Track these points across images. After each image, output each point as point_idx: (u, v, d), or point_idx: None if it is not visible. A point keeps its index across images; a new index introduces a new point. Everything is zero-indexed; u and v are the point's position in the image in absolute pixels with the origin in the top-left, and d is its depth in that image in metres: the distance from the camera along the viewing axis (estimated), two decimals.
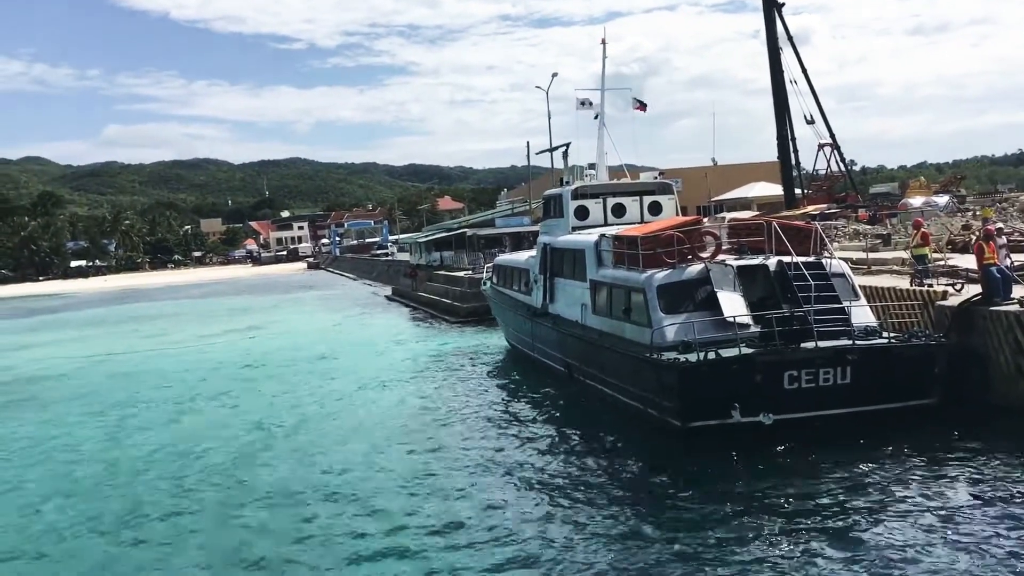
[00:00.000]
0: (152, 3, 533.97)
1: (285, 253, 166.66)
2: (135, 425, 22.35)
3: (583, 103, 26.50)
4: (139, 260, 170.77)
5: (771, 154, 52.28)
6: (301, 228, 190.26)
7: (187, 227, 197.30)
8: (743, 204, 63.77)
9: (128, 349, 40.81)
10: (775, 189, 58.58)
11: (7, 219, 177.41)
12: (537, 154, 58.63)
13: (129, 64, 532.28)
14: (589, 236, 21.67)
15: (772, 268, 17.52)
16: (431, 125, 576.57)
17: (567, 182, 26.32)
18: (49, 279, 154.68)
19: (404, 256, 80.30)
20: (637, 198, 24.44)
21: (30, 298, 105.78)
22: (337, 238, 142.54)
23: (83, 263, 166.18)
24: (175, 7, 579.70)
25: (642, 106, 28.98)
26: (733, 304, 16.67)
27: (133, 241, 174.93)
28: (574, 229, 23.77)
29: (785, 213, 40.17)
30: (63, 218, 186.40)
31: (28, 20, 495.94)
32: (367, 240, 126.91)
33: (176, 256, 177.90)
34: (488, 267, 35.94)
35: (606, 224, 23.54)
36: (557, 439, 17.55)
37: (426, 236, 69.95)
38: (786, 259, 17.42)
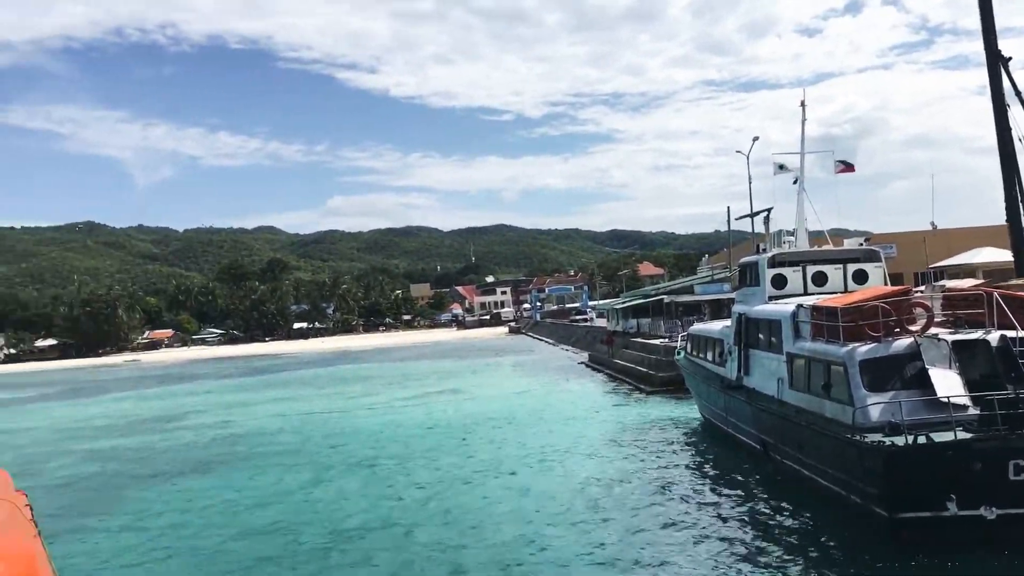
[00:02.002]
0: (374, 83, 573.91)
1: (488, 317, 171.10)
2: (311, 481, 23.14)
3: (780, 167, 25.44)
4: (354, 322, 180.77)
5: (998, 217, 48.08)
6: (504, 293, 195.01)
7: (398, 291, 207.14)
8: (967, 271, 58.82)
9: (334, 408, 42.83)
10: (1004, 255, 53.69)
11: (241, 284, 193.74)
12: (737, 219, 57.08)
13: (352, 139, 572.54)
14: (786, 306, 20.50)
15: (994, 343, 15.75)
16: (634, 191, 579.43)
17: (764, 249, 25.21)
18: (274, 340, 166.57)
19: (603, 322, 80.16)
20: (840, 266, 22.94)
21: (255, 357, 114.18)
22: (538, 303, 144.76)
23: (304, 325, 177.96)
24: (395, 85, 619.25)
25: (848, 167, 27.44)
26: (948, 383, 15.06)
27: (349, 304, 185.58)
28: (771, 298, 22.60)
29: (1013, 282, 36.60)
30: (288, 283, 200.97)
31: (266, 102, 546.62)
32: (567, 305, 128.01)
33: (387, 319, 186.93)
34: (682, 336, 34.97)
35: (805, 293, 22.22)
36: (750, 521, 16.44)
37: (623, 302, 69.47)
38: (1010, 333, 15.64)
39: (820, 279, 22.77)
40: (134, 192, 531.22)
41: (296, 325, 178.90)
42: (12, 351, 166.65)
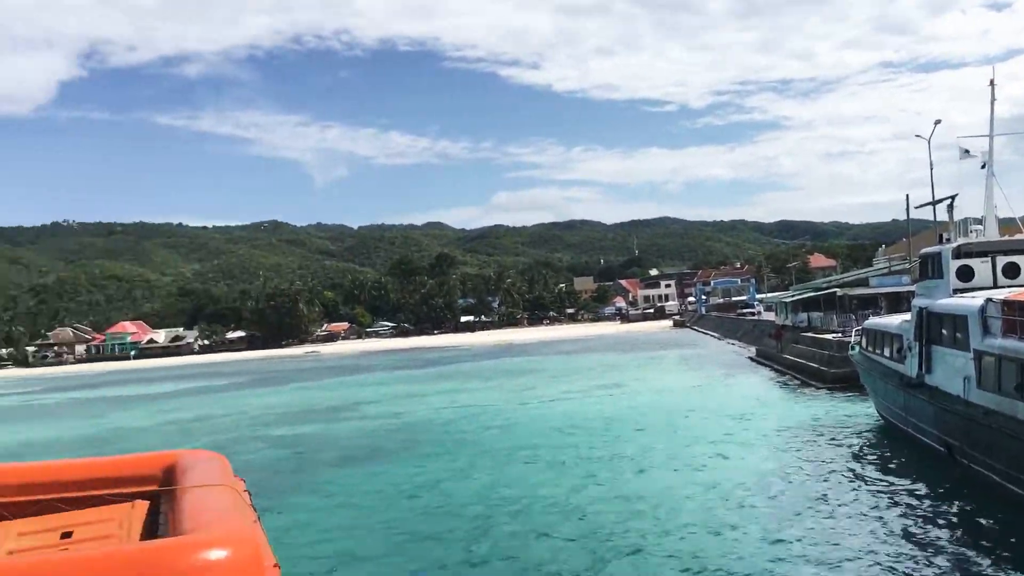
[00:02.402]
0: (537, 78, 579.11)
1: (652, 311, 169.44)
2: (482, 468, 23.65)
3: (965, 151, 23.86)
4: (518, 316, 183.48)
5: None
6: (668, 286, 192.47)
7: (561, 285, 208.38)
8: None
9: (501, 400, 43.70)
10: None
11: (411, 279, 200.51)
12: (917, 208, 53.84)
13: (516, 135, 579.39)
14: (973, 300, 19.24)
15: None
16: (803, 179, 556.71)
17: (947, 239, 23.75)
18: (442, 332, 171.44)
19: (771, 316, 77.79)
20: None
21: (424, 350, 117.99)
22: (703, 296, 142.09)
23: (471, 318, 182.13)
24: (557, 80, 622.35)
25: None
26: None
27: (514, 298, 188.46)
28: (955, 292, 21.29)
29: None
30: (455, 277, 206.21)
31: (434, 101, 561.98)
32: (733, 299, 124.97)
33: (551, 312, 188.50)
34: (857, 330, 33.47)
35: (995, 287, 20.76)
36: (934, 527, 15.60)
37: (793, 295, 67.13)
38: None
39: (1012, 271, 21.23)
40: (313, 192, 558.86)
41: (463, 318, 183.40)
42: (206, 342, 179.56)
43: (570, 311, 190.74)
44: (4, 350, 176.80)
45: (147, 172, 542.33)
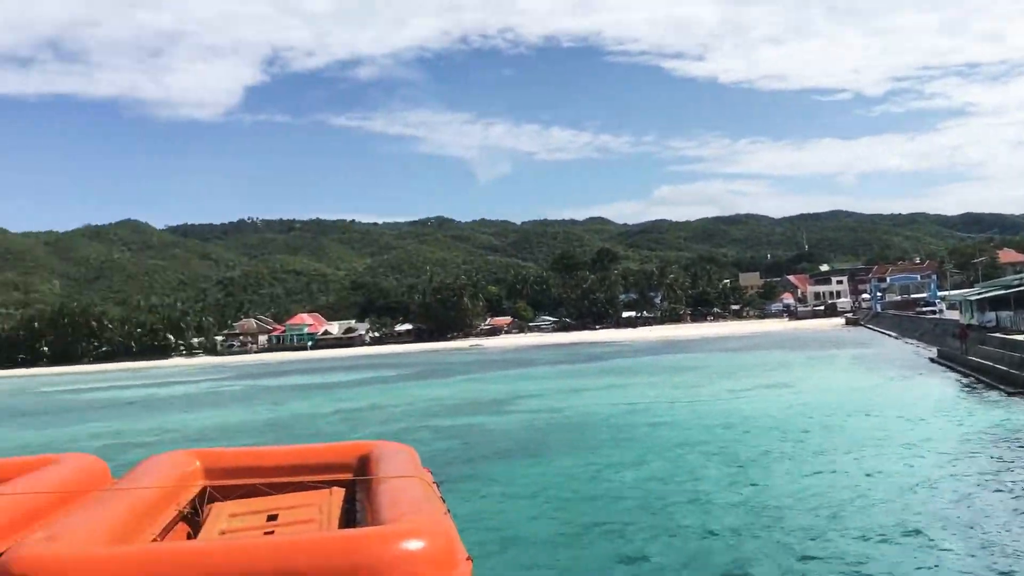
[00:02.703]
0: (701, 70, 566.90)
1: (822, 308, 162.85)
2: (649, 465, 23.45)
3: None
4: (681, 312, 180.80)
5: None
6: (840, 282, 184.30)
7: (726, 280, 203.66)
8: None
9: (663, 397, 43.25)
10: None
11: (572, 273, 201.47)
12: None
13: (679, 128, 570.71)
14: None
15: None
16: (992, 169, 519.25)
17: None
18: (604, 327, 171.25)
19: (954, 314, 73.17)
20: None
21: (586, 345, 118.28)
22: (879, 293, 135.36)
23: (632, 313, 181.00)
24: (722, 71, 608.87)
25: None
26: None
27: (676, 294, 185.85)
28: None
29: None
30: (617, 272, 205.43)
31: (596, 96, 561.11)
32: (912, 296, 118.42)
33: (715, 308, 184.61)
34: None
35: None
36: None
37: (979, 293, 62.85)
38: None
39: None
40: (477, 188, 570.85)
41: (625, 314, 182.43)
42: (376, 334, 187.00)
43: (735, 307, 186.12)
44: (196, 339, 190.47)
45: (323, 171, 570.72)
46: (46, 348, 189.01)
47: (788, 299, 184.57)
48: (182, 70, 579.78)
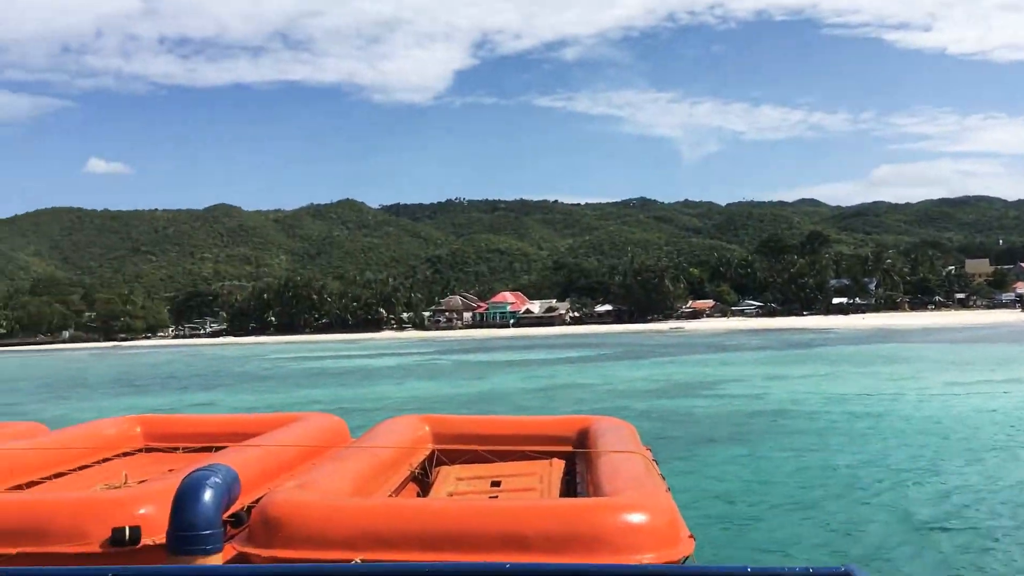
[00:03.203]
0: (928, 41, 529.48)
1: None
2: (863, 461, 22.40)
3: None
4: (898, 300, 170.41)
5: None
6: None
7: (950, 268, 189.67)
8: None
9: (872, 389, 41.07)
10: None
11: (779, 257, 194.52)
12: None
13: (902, 104, 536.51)
14: None
15: None
16: None
17: None
18: (812, 314, 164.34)
19: None
20: None
21: (792, 331, 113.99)
22: None
23: (843, 300, 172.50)
24: (952, 42, 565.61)
25: None
26: None
27: (893, 280, 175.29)
28: None
29: None
30: (828, 256, 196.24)
31: (810, 72, 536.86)
32: None
33: (936, 297, 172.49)
34: None
35: None
36: None
37: None
38: None
39: None
40: (681, 168, 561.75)
41: (835, 300, 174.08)
42: (576, 314, 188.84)
43: (960, 296, 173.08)
44: (405, 314, 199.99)
45: (528, 152, 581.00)
46: (273, 318, 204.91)
47: (1022, 288, 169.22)
48: (398, 56, 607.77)
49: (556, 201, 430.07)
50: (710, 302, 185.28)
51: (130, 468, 6.46)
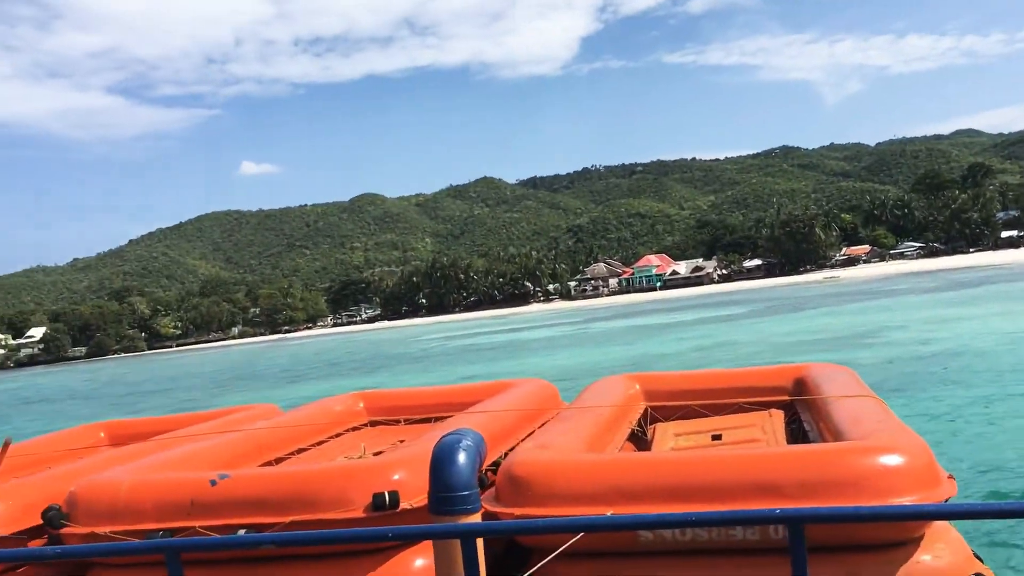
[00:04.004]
0: None
1: None
2: None
3: None
4: None
5: None
6: None
7: None
8: None
9: None
10: None
11: (939, 194, 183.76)
12: None
13: None
14: None
15: None
16: None
17: None
18: (978, 250, 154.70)
19: None
20: None
21: (957, 270, 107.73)
22: None
23: (1013, 233, 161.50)
24: None
25: None
26: None
27: None
28: None
29: None
30: (993, 188, 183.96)
31: None
32: None
33: None
34: None
35: None
36: None
37: None
38: None
39: None
40: (823, 111, 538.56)
41: (1004, 234, 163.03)
42: (724, 272, 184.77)
43: None
44: (551, 286, 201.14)
45: (661, 111, 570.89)
46: (423, 300, 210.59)
47: None
48: (522, 30, 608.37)
49: (694, 158, 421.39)
50: (866, 247, 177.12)
51: (362, 441, 6.89)
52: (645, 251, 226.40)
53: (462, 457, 3.99)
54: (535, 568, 3.68)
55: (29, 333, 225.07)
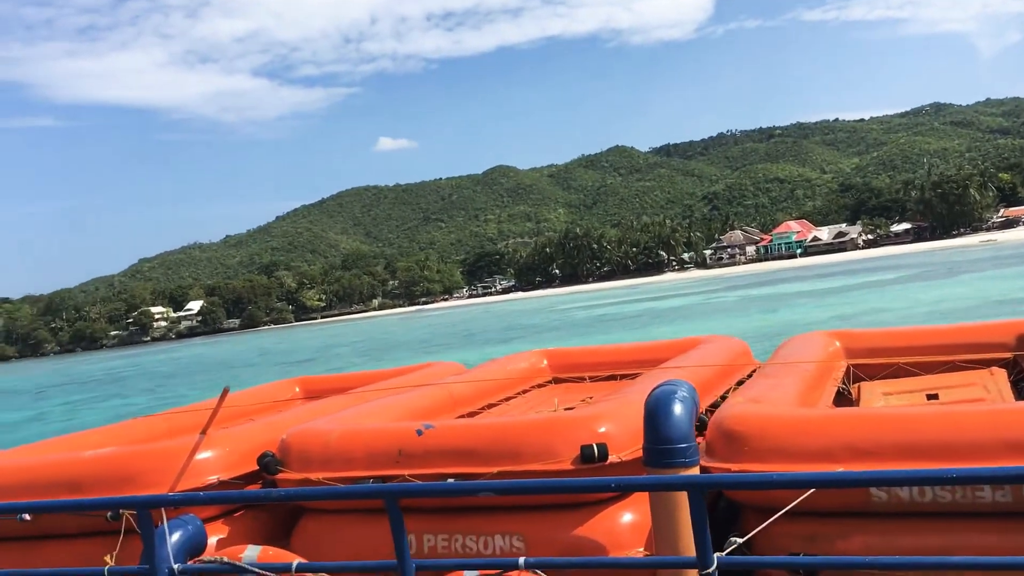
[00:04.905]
0: None
1: None
2: None
3: None
4: None
5: None
6: None
7: None
8: None
9: None
10: None
11: None
12: None
13: None
14: None
15: None
16: None
17: None
18: None
19: None
20: None
21: None
22: None
23: None
24: None
25: None
26: None
27: None
28: None
29: None
30: None
31: None
32: None
33: None
34: None
35: None
36: None
37: None
38: None
39: None
40: (979, 64, 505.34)
41: None
42: (869, 237, 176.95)
43: None
44: (686, 254, 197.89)
45: (800, 71, 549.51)
46: (557, 270, 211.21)
47: None
48: None
49: (837, 119, 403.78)
50: None
51: (548, 397, 6.90)
52: (784, 217, 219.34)
53: (678, 408, 3.88)
54: (767, 523, 3.49)
55: (188, 306, 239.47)
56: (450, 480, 4.37)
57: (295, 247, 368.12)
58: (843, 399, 6.08)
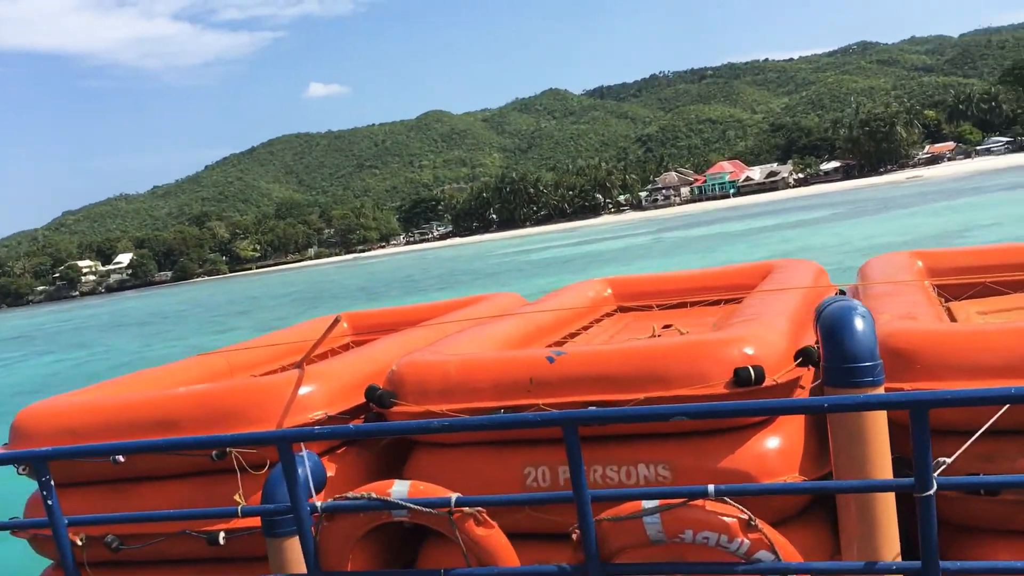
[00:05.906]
0: None
1: None
2: None
3: None
4: None
5: None
6: None
7: None
8: None
9: None
10: None
11: None
12: None
13: None
14: None
15: None
16: None
17: None
18: None
19: None
20: None
21: None
22: None
23: None
24: None
25: None
26: None
27: None
28: None
29: None
30: None
31: None
32: None
33: None
34: None
35: None
36: None
37: None
38: None
39: None
40: (903, 3, 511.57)
41: None
42: (800, 176, 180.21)
43: None
44: (622, 196, 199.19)
45: (732, 11, 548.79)
46: (494, 216, 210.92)
47: None
48: None
49: (767, 60, 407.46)
50: (950, 144, 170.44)
51: (626, 325, 6.70)
52: (717, 158, 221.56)
53: (861, 324, 3.66)
54: (967, 444, 3.23)
55: (117, 259, 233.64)
56: (591, 408, 4.03)
57: (226, 197, 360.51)
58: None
